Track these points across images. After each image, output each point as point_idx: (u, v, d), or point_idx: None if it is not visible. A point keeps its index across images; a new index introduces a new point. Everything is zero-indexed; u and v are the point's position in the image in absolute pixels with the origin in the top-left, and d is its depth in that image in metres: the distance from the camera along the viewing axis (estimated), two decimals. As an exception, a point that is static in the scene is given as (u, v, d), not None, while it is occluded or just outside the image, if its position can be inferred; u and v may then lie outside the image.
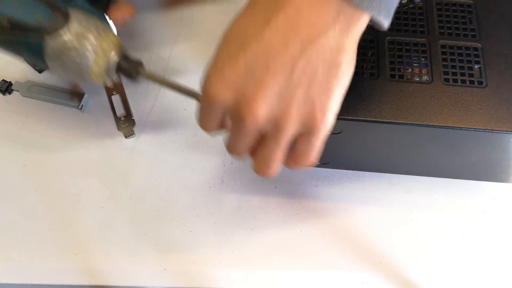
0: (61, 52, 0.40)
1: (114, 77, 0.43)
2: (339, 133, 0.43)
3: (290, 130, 0.32)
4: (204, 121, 0.35)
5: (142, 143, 0.53)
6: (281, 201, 0.50)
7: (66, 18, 0.40)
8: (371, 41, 0.45)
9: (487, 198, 0.50)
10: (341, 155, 0.47)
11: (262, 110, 0.31)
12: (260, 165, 0.35)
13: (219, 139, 0.53)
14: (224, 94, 0.31)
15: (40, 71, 0.57)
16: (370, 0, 0.28)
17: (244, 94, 0.31)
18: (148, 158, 0.52)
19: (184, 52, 0.59)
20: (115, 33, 0.44)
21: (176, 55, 0.59)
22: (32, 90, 0.56)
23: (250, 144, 0.34)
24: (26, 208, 0.49)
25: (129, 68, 0.42)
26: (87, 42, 0.40)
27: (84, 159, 0.52)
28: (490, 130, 0.43)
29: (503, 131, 0.43)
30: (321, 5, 0.29)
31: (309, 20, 0.29)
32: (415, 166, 0.51)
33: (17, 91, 0.56)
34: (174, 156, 0.53)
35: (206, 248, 0.47)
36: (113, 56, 0.41)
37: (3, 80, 0.57)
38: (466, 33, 0.48)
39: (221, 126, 0.35)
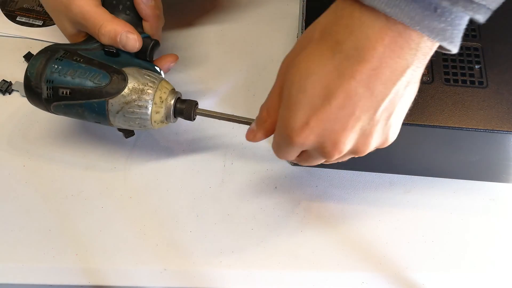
0: (122, 108, 0.43)
1: (174, 121, 0.46)
2: None
3: (366, 152, 0.36)
4: (284, 155, 0.39)
5: (142, 143, 0.53)
6: (281, 201, 0.50)
7: (123, 78, 0.43)
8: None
9: (487, 198, 0.50)
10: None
11: (346, 147, 0.35)
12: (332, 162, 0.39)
13: (219, 139, 0.53)
14: (310, 139, 0.34)
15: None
16: (443, 31, 0.30)
17: (330, 137, 0.34)
18: (148, 158, 0.52)
19: (184, 52, 0.59)
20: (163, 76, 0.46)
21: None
22: (32, 90, 0.56)
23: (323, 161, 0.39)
24: (26, 208, 0.49)
25: (187, 110, 0.45)
26: (145, 94, 0.43)
27: (84, 159, 0.52)
28: (490, 130, 0.43)
29: (503, 131, 0.43)
30: (401, 50, 0.30)
31: (391, 67, 0.31)
32: (415, 166, 0.51)
33: (17, 91, 0.56)
34: (174, 156, 0.53)
35: (206, 248, 0.47)
36: (170, 102, 0.44)
37: (3, 80, 0.57)
38: (467, 33, 0.48)
39: (298, 156, 0.39)
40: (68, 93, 0.43)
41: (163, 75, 0.47)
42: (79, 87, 0.43)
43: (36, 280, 0.46)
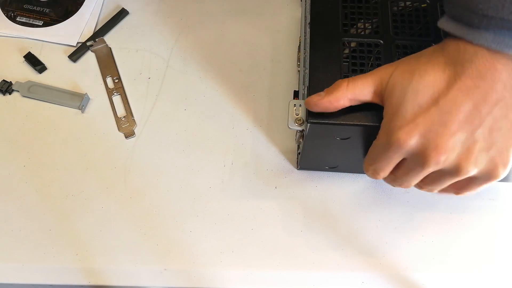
0: None
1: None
2: (347, 138, 0.43)
3: (468, 174, 0.37)
4: (381, 163, 0.39)
5: (142, 143, 0.53)
6: (281, 201, 0.50)
7: None
8: (377, 45, 0.45)
9: (487, 198, 0.50)
10: (348, 159, 0.47)
11: (447, 155, 0.35)
12: (426, 189, 0.41)
13: (219, 139, 0.53)
14: (413, 138, 0.36)
15: (40, 71, 0.58)
16: None
17: (433, 140, 0.35)
18: (148, 158, 0.52)
19: (184, 52, 0.59)
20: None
21: (176, 54, 0.59)
22: (32, 90, 0.56)
23: (420, 179, 0.39)
24: (26, 208, 0.49)
25: None
26: None
27: (84, 159, 0.52)
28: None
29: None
30: (500, 74, 0.34)
31: (492, 87, 0.34)
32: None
33: (17, 91, 0.56)
34: (174, 156, 0.53)
35: (206, 248, 0.47)
36: None
37: (3, 80, 0.57)
38: None
39: (392, 171, 0.40)
40: None
41: None
42: None
43: (36, 280, 0.46)
